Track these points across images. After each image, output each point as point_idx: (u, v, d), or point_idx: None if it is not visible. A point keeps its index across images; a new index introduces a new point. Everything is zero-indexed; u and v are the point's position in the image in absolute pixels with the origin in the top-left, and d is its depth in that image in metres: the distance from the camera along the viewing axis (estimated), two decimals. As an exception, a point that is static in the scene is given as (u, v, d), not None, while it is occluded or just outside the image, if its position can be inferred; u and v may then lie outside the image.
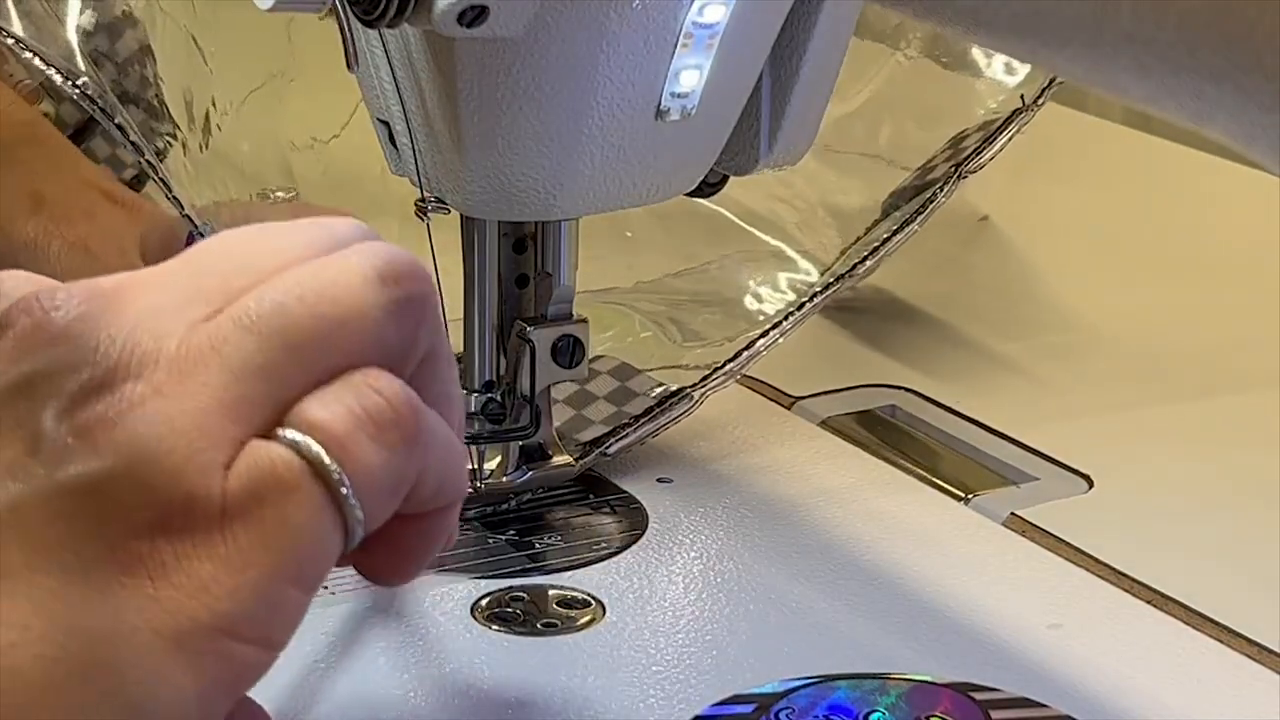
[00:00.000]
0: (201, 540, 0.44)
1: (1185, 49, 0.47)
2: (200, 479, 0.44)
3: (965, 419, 0.83)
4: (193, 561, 0.44)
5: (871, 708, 0.61)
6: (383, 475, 0.46)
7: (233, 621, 0.44)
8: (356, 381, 0.46)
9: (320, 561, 0.46)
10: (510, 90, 0.64)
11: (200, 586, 0.44)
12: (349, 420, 0.46)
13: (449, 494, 0.49)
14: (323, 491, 0.45)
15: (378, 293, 0.47)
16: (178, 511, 0.44)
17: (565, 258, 0.71)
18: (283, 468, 0.45)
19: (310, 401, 0.46)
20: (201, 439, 0.44)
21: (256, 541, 0.44)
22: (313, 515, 0.45)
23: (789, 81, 0.70)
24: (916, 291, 0.98)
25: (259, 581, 0.44)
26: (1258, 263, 0.98)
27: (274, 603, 0.45)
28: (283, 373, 0.46)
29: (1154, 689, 0.64)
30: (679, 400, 0.78)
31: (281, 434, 0.45)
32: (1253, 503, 0.76)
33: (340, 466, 0.45)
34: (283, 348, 0.46)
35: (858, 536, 0.73)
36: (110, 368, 0.45)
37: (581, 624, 0.67)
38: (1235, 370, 0.89)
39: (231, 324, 0.46)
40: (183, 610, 0.44)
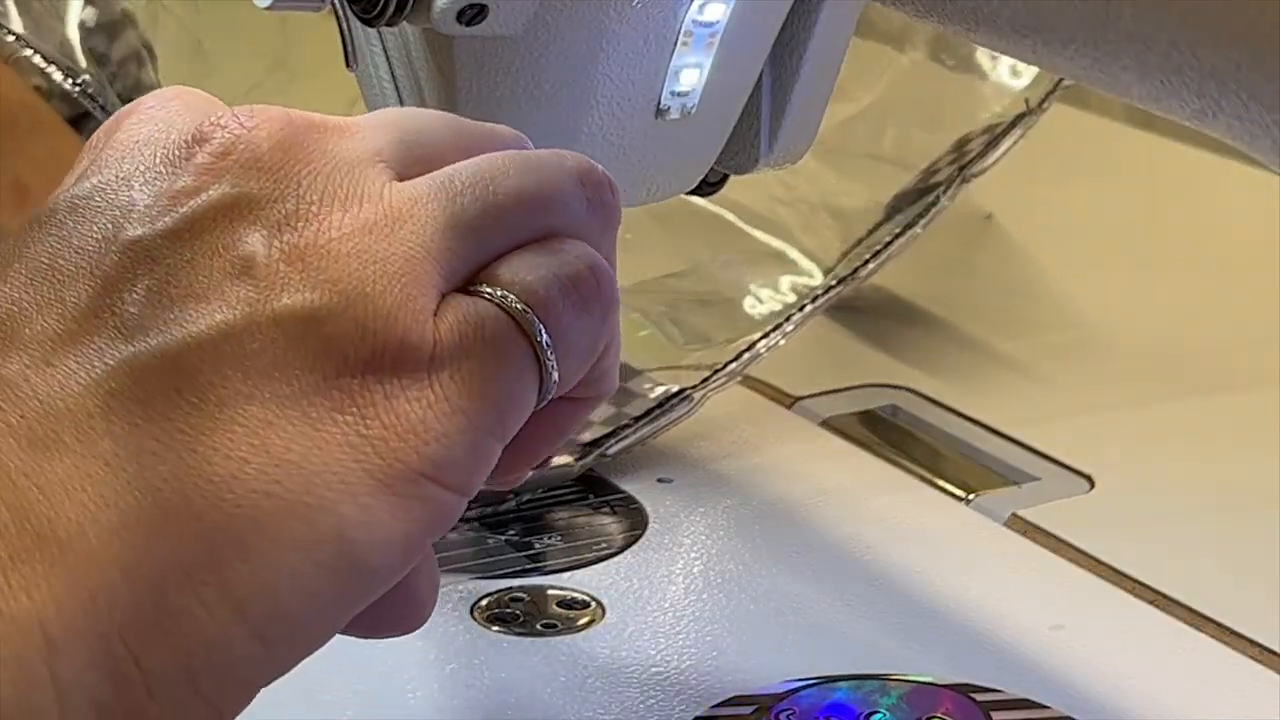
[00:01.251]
0: (411, 384, 0.44)
1: (1187, 48, 0.47)
2: (413, 323, 0.44)
3: (966, 419, 0.83)
4: (403, 403, 0.44)
5: (872, 709, 0.61)
6: (580, 338, 0.47)
7: (439, 467, 0.44)
8: (558, 247, 0.47)
9: (518, 414, 0.46)
10: (510, 89, 0.64)
11: (410, 429, 0.44)
12: (553, 282, 0.46)
13: (608, 383, 0.49)
14: (526, 347, 0.46)
15: (579, 187, 0.49)
16: (391, 353, 0.44)
17: None
18: (490, 321, 0.45)
19: (515, 261, 0.46)
20: (414, 284, 0.44)
21: (463, 390, 0.44)
22: (515, 369, 0.45)
23: (789, 81, 0.70)
24: (918, 291, 0.98)
25: (465, 428, 0.44)
26: (1259, 262, 0.98)
27: (476, 450, 0.45)
28: (487, 232, 0.46)
29: (1155, 689, 0.64)
30: (679, 401, 0.78)
31: (488, 290, 0.46)
32: (1253, 503, 0.76)
33: (543, 325, 0.46)
34: (487, 210, 0.46)
35: (858, 537, 0.73)
36: (316, 200, 0.45)
37: (581, 624, 0.67)
38: (1236, 370, 0.89)
39: (436, 183, 0.46)
40: (393, 452, 0.43)
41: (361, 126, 0.48)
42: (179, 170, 0.45)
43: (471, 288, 0.46)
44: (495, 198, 0.46)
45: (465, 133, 0.49)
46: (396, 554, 0.44)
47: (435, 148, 0.48)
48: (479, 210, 0.46)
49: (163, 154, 0.46)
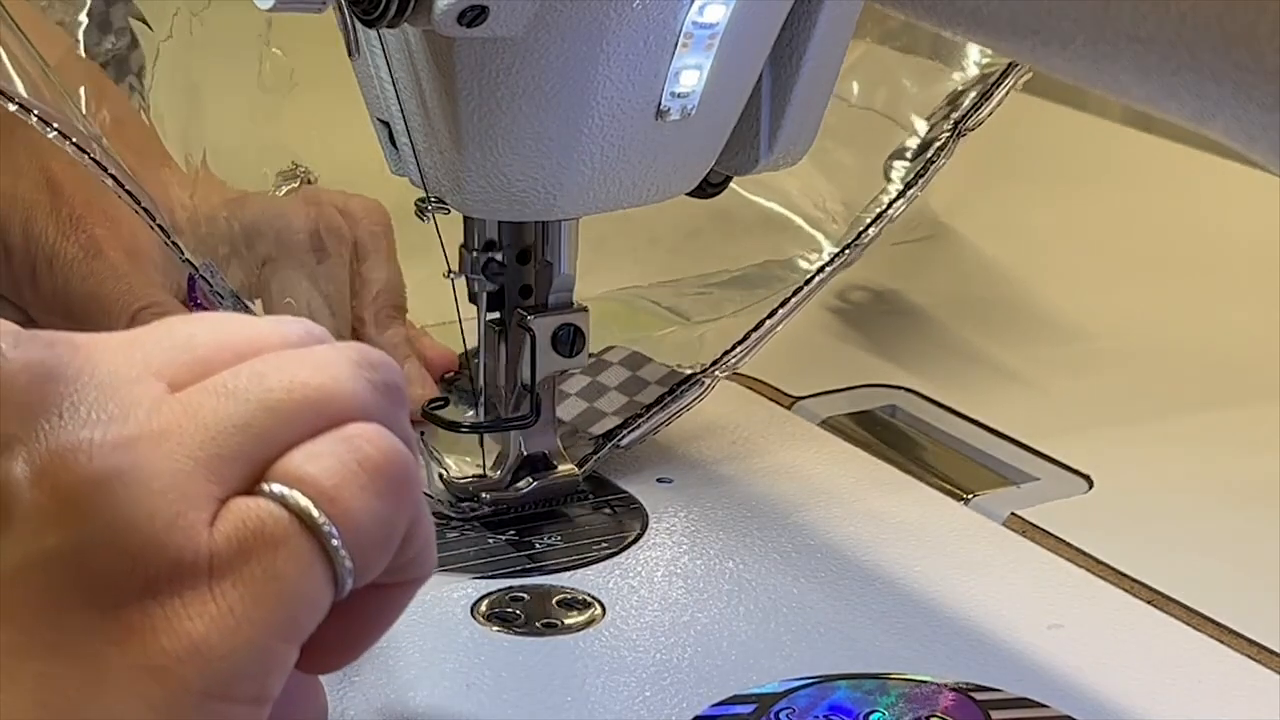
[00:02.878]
0: (191, 600, 0.43)
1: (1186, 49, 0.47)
2: (185, 539, 0.43)
3: (965, 419, 0.83)
4: (183, 623, 0.43)
5: (872, 708, 0.61)
6: (372, 525, 0.45)
7: (226, 684, 0.43)
8: (345, 432, 0.45)
9: (311, 615, 0.45)
10: (510, 90, 0.64)
11: (192, 649, 0.43)
12: (337, 471, 0.44)
13: (424, 565, 0.48)
14: (311, 543, 0.44)
15: (359, 372, 0.46)
16: (165, 574, 0.43)
17: (565, 246, 0.71)
18: (269, 521, 0.44)
19: (296, 454, 0.44)
20: (182, 500, 0.43)
21: (247, 598, 0.43)
22: (302, 568, 0.44)
23: (789, 81, 0.70)
24: (918, 292, 0.98)
25: (252, 639, 0.43)
26: (1258, 263, 0.98)
27: (266, 660, 0.44)
28: (263, 431, 0.44)
29: (1154, 689, 0.64)
30: (690, 386, 0.78)
31: (266, 488, 0.44)
32: (1253, 503, 0.76)
33: (328, 517, 0.44)
34: (262, 408, 0.45)
35: (858, 536, 0.73)
36: (78, 428, 0.43)
37: (581, 624, 0.67)
38: (1235, 370, 0.89)
39: (207, 391, 0.45)
40: (176, 678, 0.42)
41: (134, 340, 0.46)
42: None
43: (256, 488, 0.44)
44: (271, 395, 0.45)
45: (245, 335, 0.47)
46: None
47: (213, 353, 0.46)
48: (253, 410, 0.44)
49: None
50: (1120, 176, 1.14)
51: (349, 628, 0.47)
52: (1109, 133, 1.20)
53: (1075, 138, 1.20)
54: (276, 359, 0.46)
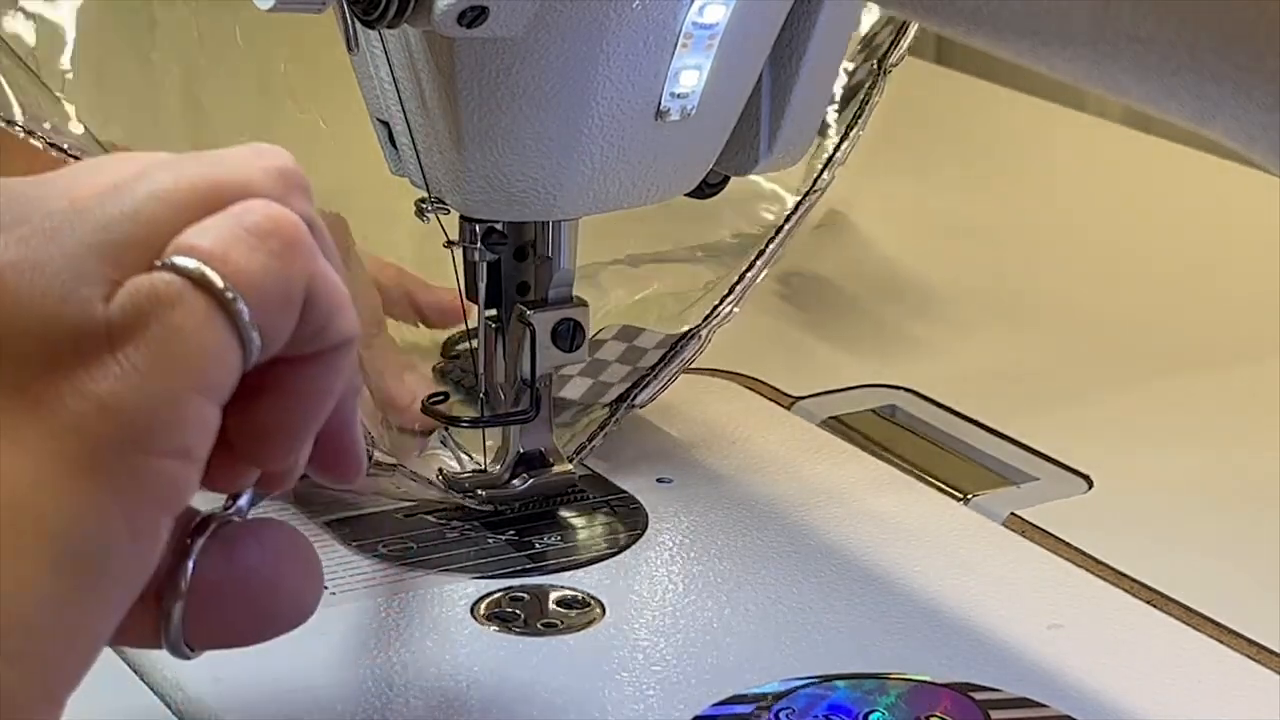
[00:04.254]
0: (94, 365, 0.44)
1: (1186, 49, 0.47)
2: (80, 311, 0.44)
3: (965, 419, 0.83)
4: (90, 384, 0.44)
5: (871, 708, 0.62)
6: (267, 278, 0.46)
7: (141, 433, 0.44)
8: (232, 209, 0.47)
9: (221, 368, 0.46)
10: (510, 90, 0.64)
11: (102, 406, 0.44)
12: (225, 237, 0.46)
13: (340, 329, 0.48)
14: (208, 300, 0.45)
15: (251, 160, 0.48)
16: (65, 346, 0.44)
17: (565, 241, 0.71)
18: (162, 286, 0.45)
19: (187, 231, 0.46)
20: (75, 278, 0.45)
21: (149, 354, 0.44)
22: (201, 321, 0.45)
23: (789, 81, 0.70)
24: (918, 291, 0.98)
25: (161, 390, 0.44)
26: (1258, 263, 0.98)
27: (181, 411, 0.45)
28: (153, 217, 0.46)
29: (1154, 689, 0.64)
30: (688, 341, 0.78)
31: (159, 261, 0.46)
32: (1253, 503, 0.76)
33: (221, 275, 0.45)
34: (150, 198, 0.46)
35: (857, 536, 0.73)
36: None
37: (581, 624, 0.67)
38: (1236, 370, 0.89)
39: (98, 191, 0.46)
40: (90, 430, 0.44)
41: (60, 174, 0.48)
42: None
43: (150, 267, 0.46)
44: (159, 185, 0.46)
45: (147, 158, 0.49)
46: (120, 533, 0.44)
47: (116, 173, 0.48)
48: (141, 200, 0.46)
49: None
50: (1120, 176, 1.14)
51: (283, 405, 0.48)
52: (1109, 133, 1.21)
53: (1075, 138, 1.20)
54: (174, 160, 0.48)
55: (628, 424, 0.81)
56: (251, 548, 0.49)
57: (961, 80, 1.29)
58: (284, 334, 0.47)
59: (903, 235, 1.05)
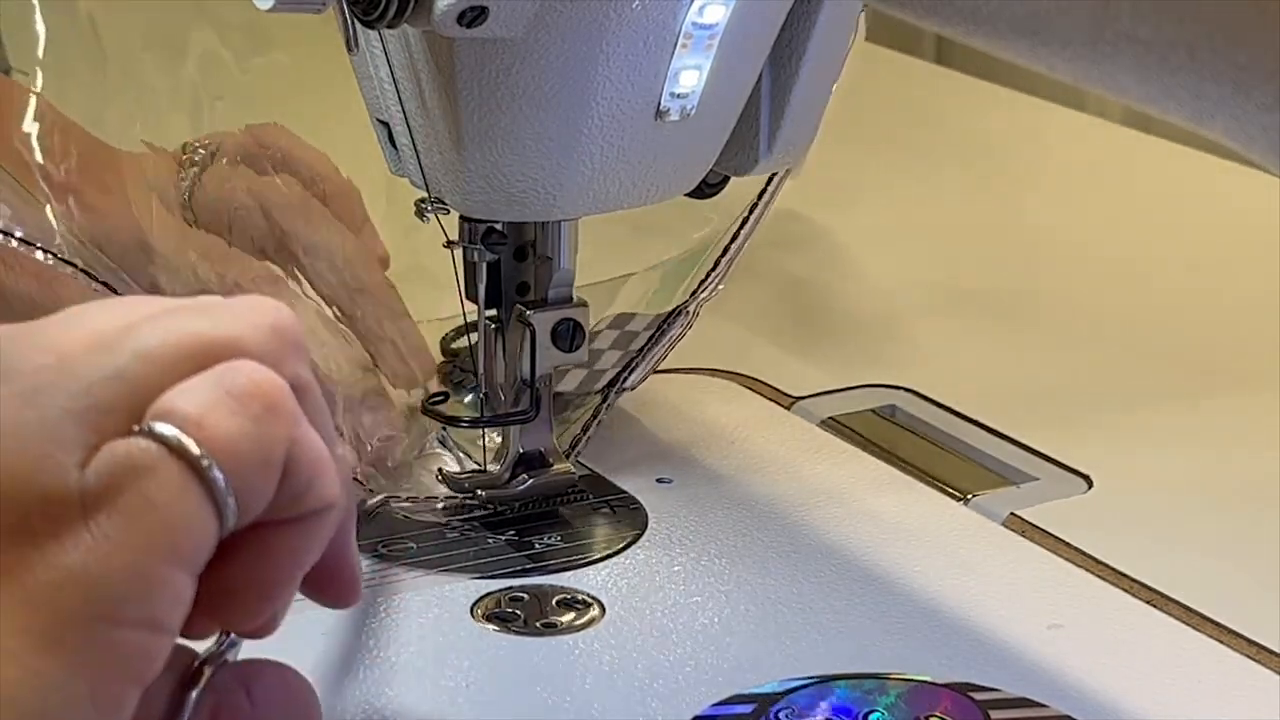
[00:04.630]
0: (65, 535, 0.43)
1: (1185, 50, 0.47)
2: (53, 478, 0.43)
3: (965, 419, 0.83)
4: (59, 556, 0.43)
5: (871, 708, 0.62)
6: (245, 443, 0.45)
7: (111, 607, 0.43)
8: (216, 369, 0.45)
9: (194, 539, 0.45)
10: (510, 90, 0.64)
11: (70, 578, 0.43)
12: (204, 400, 0.45)
13: (320, 495, 0.47)
14: (183, 468, 0.44)
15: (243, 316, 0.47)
16: (36, 514, 0.43)
17: (565, 241, 0.71)
18: (137, 453, 0.44)
19: (168, 393, 0.45)
20: (49, 443, 0.43)
21: (122, 525, 0.43)
22: (176, 491, 0.44)
23: (789, 81, 0.70)
24: (918, 291, 0.98)
25: (131, 562, 0.43)
26: (1258, 263, 0.98)
27: (151, 582, 0.44)
28: (138, 378, 0.45)
29: (1154, 689, 0.64)
30: (676, 317, 0.78)
31: (136, 427, 0.44)
32: (1253, 503, 0.76)
33: (198, 442, 0.44)
34: (136, 358, 0.45)
35: (857, 536, 0.73)
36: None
37: (581, 624, 0.67)
38: (1235, 370, 0.89)
39: (85, 346, 0.45)
40: (54, 605, 0.43)
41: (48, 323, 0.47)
42: None
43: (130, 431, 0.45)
44: (146, 344, 0.45)
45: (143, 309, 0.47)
46: (81, 706, 0.43)
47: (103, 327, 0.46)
48: (128, 360, 0.45)
49: None
50: (1120, 176, 1.14)
51: (260, 568, 0.47)
52: (1109, 133, 1.21)
53: (1075, 138, 1.20)
54: (164, 314, 0.46)
55: (628, 424, 0.81)
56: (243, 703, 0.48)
57: (961, 80, 1.30)
58: (263, 500, 0.46)
59: (902, 235, 1.05)
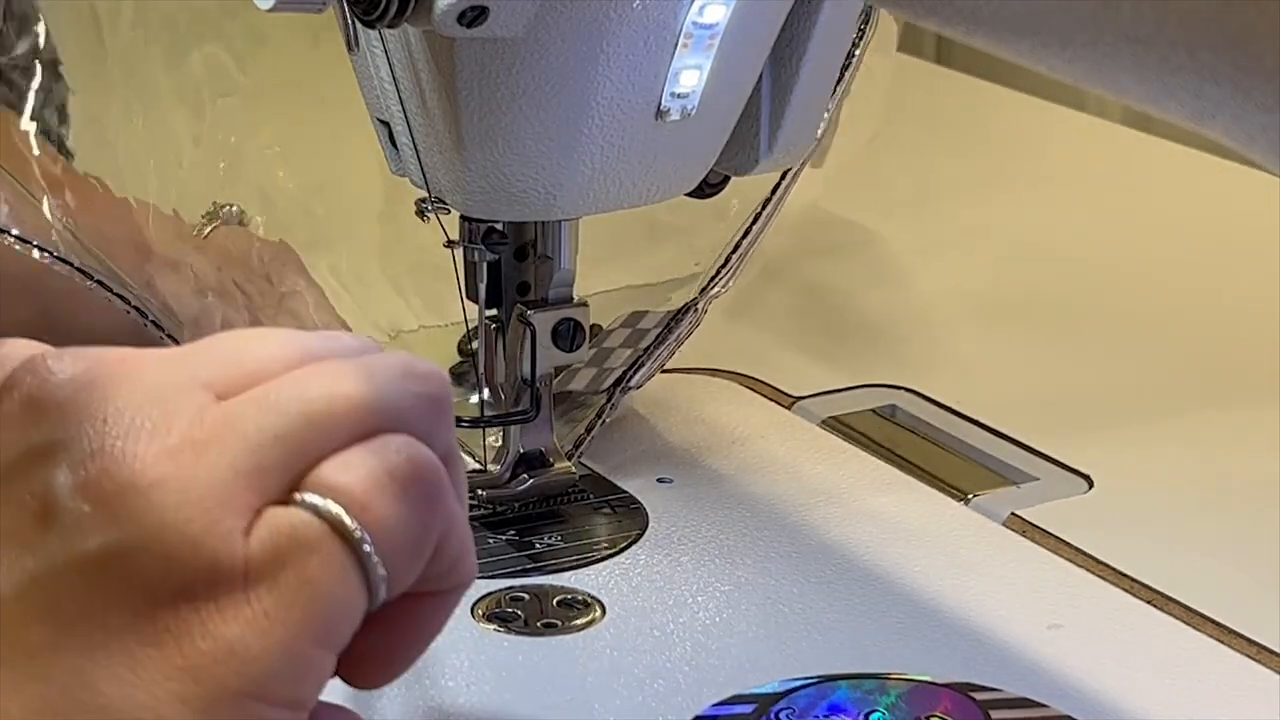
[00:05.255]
0: (227, 604, 0.43)
1: (1185, 49, 0.47)
2: (222, 545, 0.44)
3: (965, 419, 0.83)
4: (219, 626, 0.43)
5: (871, 708, 0.62)
6: (404, 532, 0.46)
7: (261, 685, 0.44)
8: (378, 443, 0.46)
9: (345, 621, 0.45)
10: (510, 90, 0.64)
11: (228, 651, 0.43)
12: (369, 479, 0.45)
13: (462, 573, 0.48)
14: (344, 550, 0.45)
15: (402, 384, 0.47)
16: (202, 579, 0.43)
17: (565, 241, 0.71)
18: (303, 529, 0.44)
19: (329, 464, 0.45)
20: (219, 508, 0.44)
21: (281, 603, 0.44)
22: (336, 574, 0.45)
23: (789, 81, 0.70)
24: (918, 291, 0.98)
25: (286, 642, 0.44)
26: (1258, 262, 0.98)
27: (301, 664, 0.44)
28: (301, 442, 0.45)
29: (1154, 689, 0.64)
30: (684, 314, 0.78)
31: (300, 498, 0.45)
32: (1253, 503, 0.76)
33: (360, 524, 0.45)
34: (301, 420, 0.45)
35: (858, 536, 0.73)
36: (121, 435, 0.44)
37: (581, 624, 0.67)
38: (1235, 370, 0.89)
39: (250, 402, 0.46)
40: (211, 677, 0.43)
41: (183, 353, 0.47)
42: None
43: (290, 498, 0.45)
44: (311, 406, 0.45)
45: (295, 346, 0.48)
46: None
47: (262, 364, 0.47)
48: (293, 422, 0.45)
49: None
50: (1120, 176, 1.14)
51: (391, 639, 0.48)
52: (1109, 133, 1.21)
53: (1075, 138, 1.20)
54: (319, 370, 0.47)
55: (628, 424, 0.81)
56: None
57: (962, 80, 1.29)
58: (409, 581, 0.47)
59: (902, 235, 1.05)
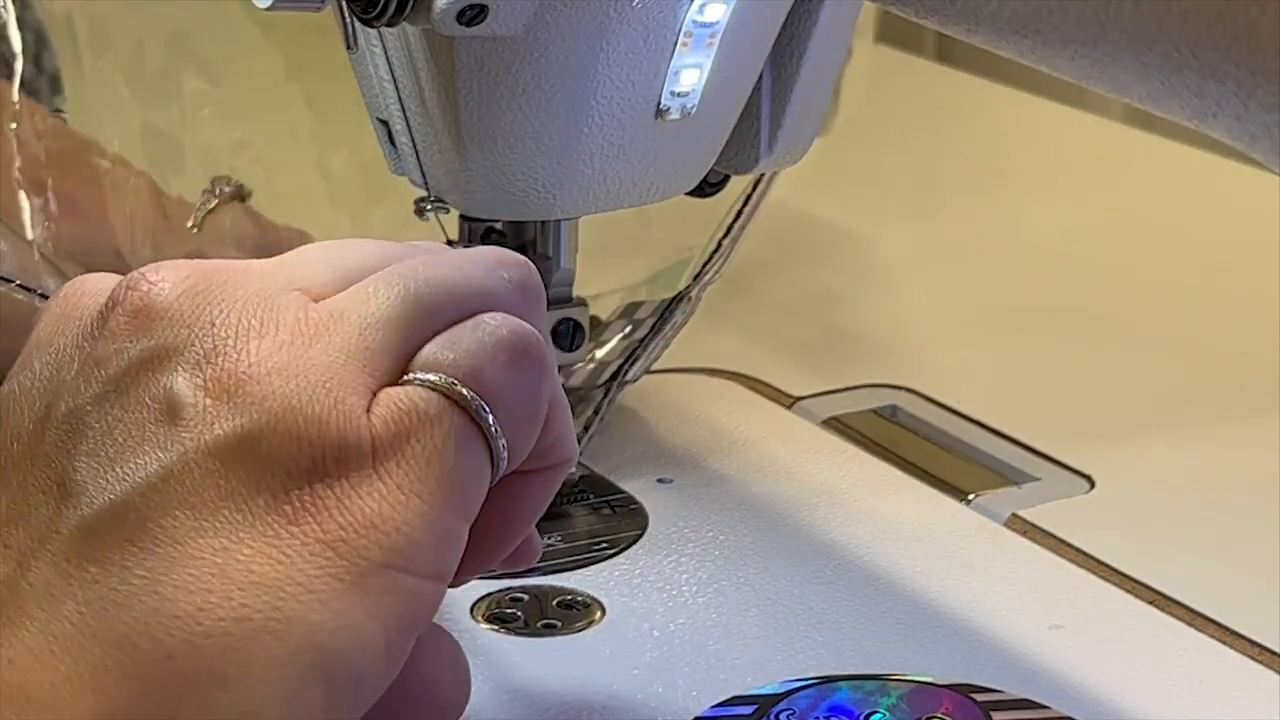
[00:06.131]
0: (359, 481, 0.45)
1: (1187, 48, 0.47)
2: (346, 423, 0.45)
3: (965, 419, 0.83)
4: (356, 500, 0.44)
5: (872, 709, 0.61)
6: (517, 398, 0.47)
7: (405, 555, 0.45)
8: (479, 320, 0.48)
9: (474, 488, 0.47)
10: (510, 90, 0.64)
11: (368, 524, 0.44)
12: (476, 352, 0.47)
13: (564, 449, 0.50)
14: (464, 419, 0.46)
15: (498, 268, 0.50)
16: (331, 457, 0.45)
17: (565, 240, 0.71)
18: (422, 403, 0.46)
19: (438, 342, 0.47)
20: (340, 387, 0.45)
21: (412, 474, 0.45)
22: (459, 442, 0.46)
23: (789, 81, 0.70)
24: (919, 291, 0.98)
25: (423, 512, 0.45)
26: (1258, 262, 0.98)
27: (439, 532, 0.46)
28: (408, 325, 0.47)
29: (1155, 690, 0.64)
30: (678, 304, 0.78)
31: (415, 376, 0.46)
32: (1253, 502, 0.76)
33: (477, 393, 0.46)
34: (404, 302, 0.47)
35: (858, 537, 0.73)
36: (231, 335, 0.46)
37: (581, 624, 0.67)
38: (1236, 370, 0.89)
39: (349, 297, 0.47)
40: (356, 550, 0.44)
41: (280, 263, 0.49)
42: (96, 338, 0.47)
43: (403, 379, 0.47)
44: (411, 291, 0.47)
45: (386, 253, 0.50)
46: (378, 653, 0.44)
47: (355, 268, 0.49)
48: (396, 306, 0.47)
49: (81, 329, 0.47)
50: (1121, 176, 1.14)
51: (504, 516, 0.50)
52: (1109, 132, 1.20)
53: (1075, 137, 1.20)
54: (415, 262, 0.49)
55: (628, 424, 0.81)
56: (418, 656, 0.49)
57: (962, 78, 1.29)
58: (526, 451, 0.48)
59: (903, 234, 1.05)
